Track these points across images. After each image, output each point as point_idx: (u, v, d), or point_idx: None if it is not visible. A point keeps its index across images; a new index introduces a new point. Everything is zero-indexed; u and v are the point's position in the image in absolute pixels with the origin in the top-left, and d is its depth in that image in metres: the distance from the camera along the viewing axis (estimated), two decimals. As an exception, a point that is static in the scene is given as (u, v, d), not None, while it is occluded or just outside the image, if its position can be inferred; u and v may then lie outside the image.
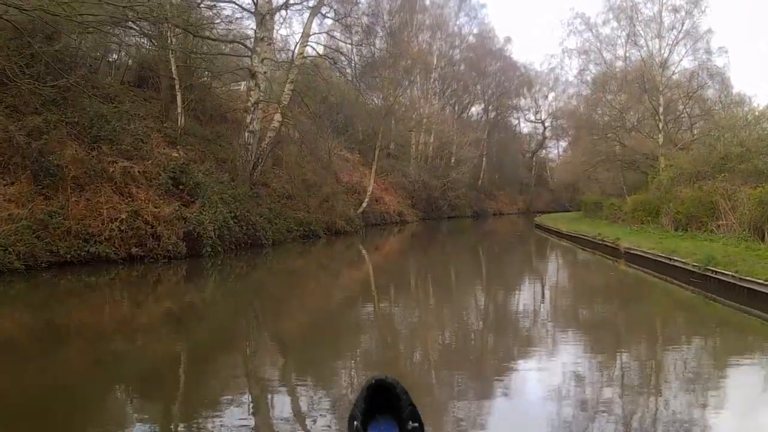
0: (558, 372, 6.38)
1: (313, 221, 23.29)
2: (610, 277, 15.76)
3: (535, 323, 9.57)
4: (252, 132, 20.98)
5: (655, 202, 22.71)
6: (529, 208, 68.08)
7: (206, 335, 8.82)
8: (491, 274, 16.96)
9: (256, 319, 10.61)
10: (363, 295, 13.32)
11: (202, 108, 25.53)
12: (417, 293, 13.70)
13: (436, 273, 17.08)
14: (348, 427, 3.43)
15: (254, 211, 19.59)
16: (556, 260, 22.06)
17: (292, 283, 14.59)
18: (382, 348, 8.14)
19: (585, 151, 35.08)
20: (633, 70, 31.16)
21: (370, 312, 11.10)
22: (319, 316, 10.46)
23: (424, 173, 44.26)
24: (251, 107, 20.83)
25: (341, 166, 35.26)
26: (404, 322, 9.98)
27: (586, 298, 12.47)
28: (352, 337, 8.73)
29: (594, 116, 34.84)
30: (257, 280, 15.24)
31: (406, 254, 22.46)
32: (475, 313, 10.94)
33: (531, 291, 13.91)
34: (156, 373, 6.81)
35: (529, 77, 68.50)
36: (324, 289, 13.96)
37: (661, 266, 14.18)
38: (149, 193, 16.43)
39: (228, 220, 17.54)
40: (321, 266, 18.28)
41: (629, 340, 8.47)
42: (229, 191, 18.91)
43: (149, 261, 15.02)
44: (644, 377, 6.40)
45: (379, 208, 35.54)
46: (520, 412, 5.24)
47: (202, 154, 21.37)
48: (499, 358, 7.47)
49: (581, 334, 8.83)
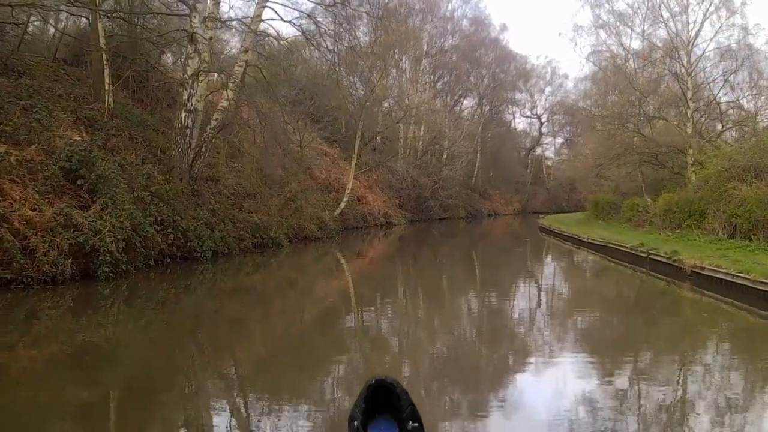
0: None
1: (273, 226, 18.67)
2: (697, 318, 10.10)
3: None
4: (191, 112, 16.36)
5: (697, 202, 18.34)
6: (525, 208, 64.13)
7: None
8: (506, 312, 10.85)
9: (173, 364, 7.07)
10: (328, 334, 8.82)
11: (146, 88, 21.07)
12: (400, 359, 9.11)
13: (428, 312, 11.62)
14: (348, 427, 3.35)
15: (188, 215, 14.97)
16: (593, 283, 15.29)
17: (227, 313, 10.13)
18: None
19: (598, 144, 30.67)
20: (657, 48, 26.76)
21: (340, 361, 6.96)
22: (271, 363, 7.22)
23: (413, 170, 39.75)
24: (189, 80, 16.21)
25: (319, 162, 30.68)
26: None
27: (685, 370, 6.89)
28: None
29: (608, 103, 30.47)
30: (174, 308, 10.69)
31: (385, 280, 15.47)
32: (494, 389, 6.39)
33: (579, 349, 8.01)
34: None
35: (526, 70, 64.59)
36: (272, 326, 9.55)
37: (757, 297, 9.78)
38: (27, 190, 11.78)
39: (144, 227, 12.91)
40: (273, 287, 13.68)
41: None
42: (155, 188, 14.30)
43: (17, 287, 10.42)
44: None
45: (361, 208, 30.97)
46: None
47: (132, 141, 16.82)
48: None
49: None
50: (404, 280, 15.65)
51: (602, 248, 19.28)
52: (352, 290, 13.72)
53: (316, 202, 25.07)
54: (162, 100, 21.11)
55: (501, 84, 58.15)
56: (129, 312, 10.11)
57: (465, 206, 48.32)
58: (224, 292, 12.67)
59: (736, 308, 10.01)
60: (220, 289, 12.91)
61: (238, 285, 13.62)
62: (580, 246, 21.98)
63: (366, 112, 29.65)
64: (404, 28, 34.40)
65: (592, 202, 32.81)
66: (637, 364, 7.30)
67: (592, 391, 5.98)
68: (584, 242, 21.75)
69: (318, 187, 28.42)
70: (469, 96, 56.18)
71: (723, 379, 6.40)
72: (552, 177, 70.73)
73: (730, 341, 8.52)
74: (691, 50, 25.50)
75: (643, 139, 27.20)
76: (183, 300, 11.54)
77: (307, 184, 26.98)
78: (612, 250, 18.28)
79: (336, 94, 29.58)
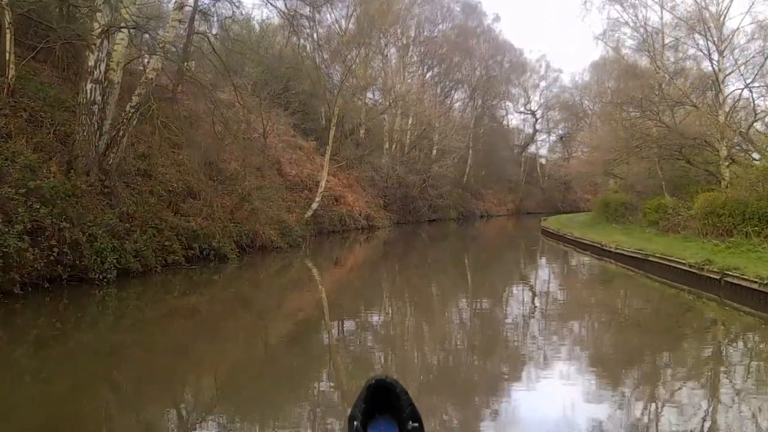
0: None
1: (217, 233, 14.58)
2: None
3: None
4: (98, 83, 12.23)
5: (755, 204, 14.54)
6: (519, 209, 60.39)
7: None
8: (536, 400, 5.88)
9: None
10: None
11: (77, 66, 16.96)
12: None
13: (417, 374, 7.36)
14: (348, 427, 3.29)
15: (85, 220, 10.85)
16: (673, 335, 8.90)
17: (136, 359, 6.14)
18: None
19: (610, 136, 26.85)
20: (682, 22, 22.94)
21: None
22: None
23: (399, 167, 35.73)
24: (97, 39, 12.08)
25: (291, 156, 26.59)
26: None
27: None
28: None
29: (619, 91, 26.68)
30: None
31: (363, 300, 11.82)
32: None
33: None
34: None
35: (521, 62, 60.89)
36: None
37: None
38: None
39: (5, 240, 8.83)
40: (214, 314, 9.60)
41: None
42: (34, 184, 10.20)
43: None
44: None
45: (338, 209, 26.91)
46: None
47: (31, 124, 12.76)
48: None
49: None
50: (388, 304, 11.64)
51: (642, 263, 15.01)
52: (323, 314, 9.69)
53: (282, 202, 21.02)
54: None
55: (494, 76, 54.30)
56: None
57: (456, 207, 44.39)
58: (126, 328, 8.62)
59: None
60: (117, 324, 8.85)
61: (148, 317, 9.56)
62: (605, 257, 17.76)
63: (344, 98, 25.56)
64: (385, 6, 30.30)
65: (601, 203, 28.98)
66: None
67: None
68: (610, 252, 17.60)
69: (287, 185, 24.36)
70: (461, 89, 52.25)
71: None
72: (547, 176, 67.20)
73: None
74: (723, 24, 21.77)
75: (665, 129, 23.42)
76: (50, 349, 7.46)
77: (274, 181, 22.92)
78: (657, 267, 14.23)
79: (310, 77, 25.48)
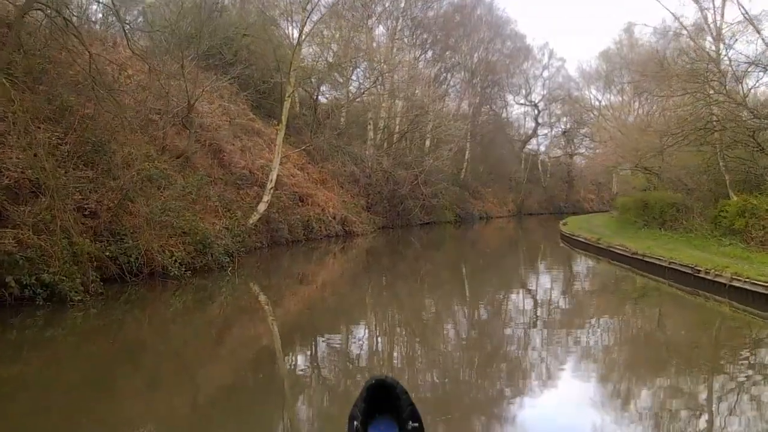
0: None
1: (55, 257, 8.44)
2: None
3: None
4: None
5: None
6: (520, 209, 54.57)
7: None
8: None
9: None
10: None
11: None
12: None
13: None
14: (348, 427, 3.12)
15: None
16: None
17: None
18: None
19: (652, 120, 20.85)
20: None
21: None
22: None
23: (386, 159, 29.60)
24: None
25: (244, 143, 20.44)
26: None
27: None
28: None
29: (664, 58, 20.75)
30: None
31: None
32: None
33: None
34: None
35: (524, 48, 55.21)
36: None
37: None
38: None
39: None
40: None
41: None
42: None
43: None
44: None
45: (303, 212, 20.72)
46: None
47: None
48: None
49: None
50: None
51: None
52: None
53: (214, 202, 14.90)
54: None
55: (494, 61, 48.43)
56: None
57: (453, 207, 38.20)
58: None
59: None
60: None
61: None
62: (708, 290, 11.11)
63: (306, 64, 19.40)
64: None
65: (638, 202, 23.00)
66: None
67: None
68: (721, 284, 10.64)
69: (233, 180, 18.26)
70: (458, 74, 46.24)
71: None
72: (549, 174, 61.63)
73: None
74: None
75: (732, 105, 17.56)
76: None
77: (210, 174, 16.81)
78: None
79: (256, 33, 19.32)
